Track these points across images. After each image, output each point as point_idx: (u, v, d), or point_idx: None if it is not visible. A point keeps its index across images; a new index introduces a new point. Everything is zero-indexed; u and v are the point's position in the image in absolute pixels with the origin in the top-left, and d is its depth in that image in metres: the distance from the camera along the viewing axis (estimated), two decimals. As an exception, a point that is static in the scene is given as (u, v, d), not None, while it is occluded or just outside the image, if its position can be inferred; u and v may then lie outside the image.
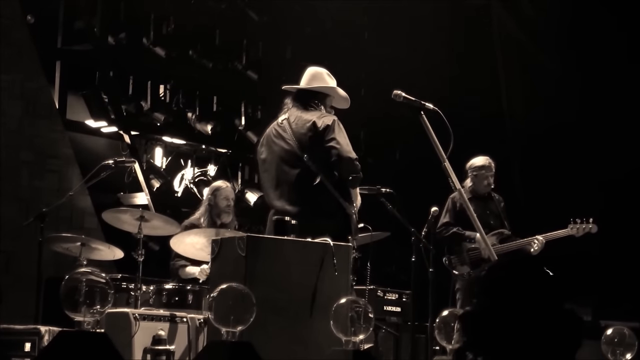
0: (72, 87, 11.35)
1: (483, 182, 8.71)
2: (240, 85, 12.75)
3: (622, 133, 11.78)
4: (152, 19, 11.81)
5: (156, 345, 6.64)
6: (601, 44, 12.02)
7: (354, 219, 6.63)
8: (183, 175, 12.43)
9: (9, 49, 10.33)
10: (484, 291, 2.94)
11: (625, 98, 11.85)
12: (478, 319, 2.92)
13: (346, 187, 6.59)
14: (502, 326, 2.86)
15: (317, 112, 6.75)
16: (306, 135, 6.63)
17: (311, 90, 6.88)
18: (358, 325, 5.19)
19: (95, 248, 7.90)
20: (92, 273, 4.63)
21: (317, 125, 6.61)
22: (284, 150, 6.71)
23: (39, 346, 6.80)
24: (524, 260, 3.08)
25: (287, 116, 6.81)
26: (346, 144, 6.56)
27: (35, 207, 9.29)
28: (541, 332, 2.85)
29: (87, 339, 4.48)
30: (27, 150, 10.41)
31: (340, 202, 6.54)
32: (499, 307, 2.89)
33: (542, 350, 2.86)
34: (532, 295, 2.88)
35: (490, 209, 8.69)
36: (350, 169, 6.55)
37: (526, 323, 2.85)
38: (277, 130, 6.80)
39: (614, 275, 11.06)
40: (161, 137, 12.21)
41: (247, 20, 12.76)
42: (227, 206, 8.41)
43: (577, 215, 8.64)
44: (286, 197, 6.63)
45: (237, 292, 4.84)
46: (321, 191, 6.53)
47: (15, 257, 9.79)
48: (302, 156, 6.60)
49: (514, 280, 2.92)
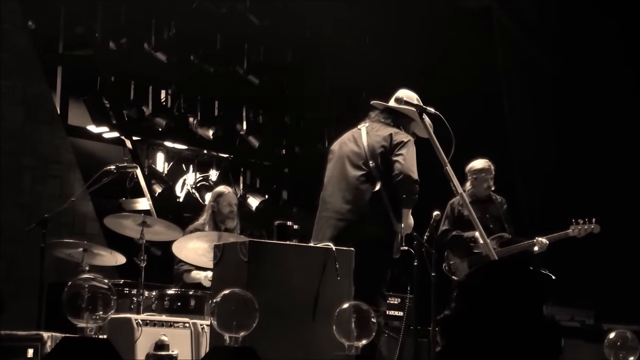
0: (74, 93, 11.34)
1: (483, 185, 8.71)
2: (242, 89, 12.75)
3: (623, 133, 11.78)
4: (153, 23, 11.81)
5: (159, 350, 6.64)
6: (600, 44, 12.02)
7: (399, 237, 6.73)
8: (185, 180, 12.42)
9: (10, 55, 10.33)
10: (462, 296, 2.94)
11: (626, 98, 11.84)
12: (455, 323, 2.92)
13: (400, 204, 6.68)
14: (479, 331, 2.86)
15: (396, 129, 6.90)
16: (379, 144, 6.80)
17: (399, 111, 6.98)
18: (360, 329, 5.19)
19: (97, 254, 7.90)
20: (95, 279, 4.63)
21: (393, 138, 6.76)
22: (353, 152, 6.90)
23: (42, 352, 6.78)
24: (503, 267, 3.07)
25: (367, 125, 7.00)
26: (412, 164, 6.67)
27: (37, 212, 9.28)
28: (519, 338, 2.84)
29: (90, 345, 4.48)
30: (29, 155, 10.40)
31: (390, 216, 6.65)
32: (475, 312, 2.88)
33: (520, 356, 2.85)
34: (510, 301, 2.88)
35: (490, 212, 8.68)
36: (408, 188, 6.65)
37: (503, 328, 2.84)
38: (352, 135, 7.01)
39: (616, 277, 11.04)
40: (163, 142, 12.21)
41: (248, 25, 12.75)
42: (230, 212, 8.43)
43: (579, 216, 8.62)
44: (342, 195, 6.80)
45: (239, 297, 4.83)
46: (376, 199, 6.67)
47: (17, 262, 9.78)
48: (368, 161, 6.77)
49: (491, 286, 2.91)
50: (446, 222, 8.67)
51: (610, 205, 11.00)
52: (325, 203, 6.89)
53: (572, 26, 12.27)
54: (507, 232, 8.62)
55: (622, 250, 11.08)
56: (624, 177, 11.58)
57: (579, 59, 12.30)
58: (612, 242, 10.30)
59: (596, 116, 11.98)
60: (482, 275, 2.99)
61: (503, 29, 13.42)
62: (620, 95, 11.87)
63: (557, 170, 12.25)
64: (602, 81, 11.96)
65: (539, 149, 12.65)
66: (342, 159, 6.93)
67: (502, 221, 8.67)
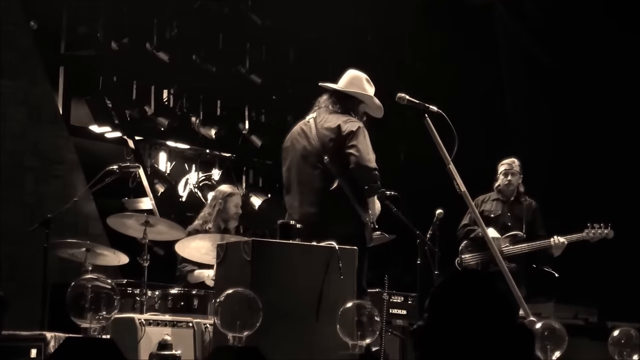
0: (76, 93, 11.35)
1: (504, 181, 8.79)
2: (244, 89, 12.75)
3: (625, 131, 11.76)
4: (155, 23, 11.82)
5: (162, 350, 6.63)
6: (602, 41, 12.01)
7: (370, 227, 6.65)
8: (187, 179, 12.43)
9: (13, 55, 10.34)
10: (430, 306, 2.93)
11: (628, 95, 11.82)
12: (426, 334, 2.91)
13: (363, 194, 6.60)
14: (448, 342, 2.85)
15: (344, 117, 6.73)
16: (328, 137, 6.63)
17: (346, 93, 6.85)
18: (365, 329, 5.19)
19: (100, 253, 7.90)
20: (98, 279, 4.64)
21: (342, 130, 6.60)
22: (306, 149, 6.72)
23: (45, 352, 6.79)
24: (471, 275, 3.06)
25: (315, 115, 6.81)
26: (366, 153, 6.54)
27: (40, 213, 9.28)
28: (489, 348, 2.83)
29: (93, 345, 4.48)
30: (32, 156, 10.41)
31: (356, 209, 6.55)
32: (444, 323, 2.88)
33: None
34: (478, 311, 2.87)
35: (513, 212, 8.75)
36: (367, 178, 6.55)
37: (472, 339, 2.83)
38: (302, 129, 6.81)
39: (620, 275, 11.03)
40: (165, 141, 12.22)
41: (250, 24, 12.76)
42: (235, 213, 8.46)
43: (584, 219, 8.64)
44: (304, 198, 6.67)
45: (243, 296, 4.84)
46: (338, 196, 6.54)
47: (20, 263, 9.79)
48: (322, 157, 6.61)
49: (458, 295, 2.90)
50: (467, 217, 8.78)
51: (613, 204, 10.99)
52: (291, 208, 6.75)
53: (574, 23, 12.25)
54: (522, 232, 8.65)
55: (626, 248, 11.04)
56: (627, 175, 11.56)
57: (581, 56, 12.28)
58: (616, 240, 10.27)
59: (599, 114, 11.96)
60: (448, 285, 2.97)
61: (505, 26, 13.40)
62: (622, 93, 11.84)
63: (559, 170, 12.23)
64: (606, 79, 11.94)
65: (540, 146, 12.63)
66: (297, 158, 6.76)
67: (524, 222, 8.71)
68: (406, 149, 13.87)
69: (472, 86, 12.77)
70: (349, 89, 6.86)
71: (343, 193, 6.53)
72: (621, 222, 10.11)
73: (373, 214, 6.70)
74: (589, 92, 12.08)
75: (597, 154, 11.85)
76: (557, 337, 5.24)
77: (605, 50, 11.98)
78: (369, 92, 6.92)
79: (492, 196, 8.85)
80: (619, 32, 11.90)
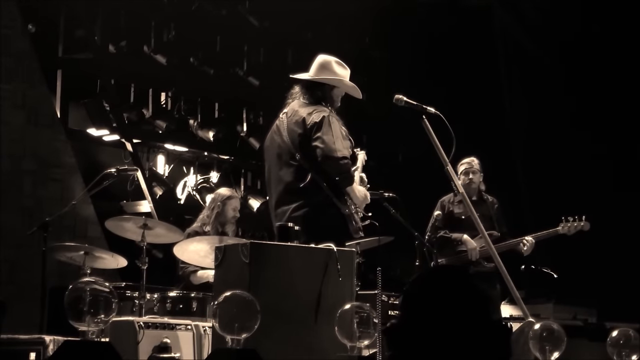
0: (74, 96, 11.35)
1: (465, 181, 8.69)
2: (242, 91, 12.75)
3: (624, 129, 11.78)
4: (152, 26, 11.81)
5: (161, 353, 6.63)
6: (601, 40, 12.02)
7: (354, 218, 6.55)
8: (186, 182, 12.43)
9: (10, 59, 10.34)
10: (403, 303, 2.93)
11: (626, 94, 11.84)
12: (398, 332, 2.91)
13: (339, 186, 6.49)
14: (421, 340, 2.85)
15: (311, 107, 6.59)
16: (296, 132, 6.51)
17: (317, 81, 6.75)
18: (362, 330, 5.19)
19: (98, 257, 7.90)
20: (96, 282, 4.63)
21: (306, 123, 6.47)
22: (280, 147, 6.62)
23: (44, 356, 6.78)
24: (445, 271, 3.05)
25: (287, 110, 6.70)
26: (331, 143, 6.38)
27: (38, 216, 9.27)
28: (462, 345, 2.83)
29: (91, 348, 4.48)
30: (30, 159, 10.40)
31: (334, 202, 6.44)
32: (416, 321, 2.87)
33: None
34: (452, 307, 2.86)
35: (480, 212, 8.64)
36: (335, 169, 6.41)
37: (445, 336, 2.83)
38: (277, 126, 6.71)
39: (619, 275, 11.03)
40: (163, 144, 12.21)
41: (248, 26, 12.76)
42: (233, 217, 8.52)
43: (580, 213, 8.60)
44: (281, 197, 6.58)
45: (241, 299, 4.83)
46: (315, 191, 6.44)
47: (18, 266, 9.79)
48: (294, 154, 6.51)
49: (431, 292, 2.90)
50: (437, 220, 8.66)
51: (612, 203, 11.00)
52: (273, 210, 6.69)
53: (573, 23, 12.26)
54: (497, 231, 8.59)
55: (625, 249, 11.07)
56: (626, 174, 11.56)
57: (580, 56, 12.29)
58: (614, 240, 10.30)
59: (598, 113, 11.97)
60: (421, 282, 2.96)
61: (504, 27, 13.41)
62: (621, 92, 11.86)
63: (558, 168, 12.23)
64: (604, 77, 11.95)
65: (539, 145, 12.64)
66: (274, 157, 6.66)
67: (493, 221, 8.64)
68: (404, 150, 13.87)
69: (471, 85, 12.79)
70: (319, 76, 6.73)
71: (319, 188, 6.43)
72: (620, 223, 10.15)
73: (357, 204, 6.58)
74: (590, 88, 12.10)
75: (598, 150, 11.86)
76: (556, 337, 5.23)
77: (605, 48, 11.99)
78: (340, 74, 6.76)
79: (455, 199, 8.68)
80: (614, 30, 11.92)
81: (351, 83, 6.79)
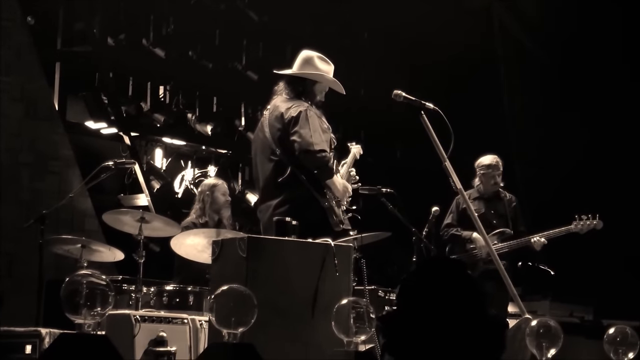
0: (72, 89, 11.34)
1: (490, 181, 8.69)
2: (240, 85, 12.74)
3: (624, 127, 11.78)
4: (151, 19, 11.80)
5: (157, 346, 6.63)
6: (601, 42, 12.01)
7: (334, 211, 6.58)
8: (183, 176, 12.42)
9: (9, 51, 10.32)
10: (400, 293, 2.94)
11: (626, 92, 11.83)
12: (393, 321, 2.92)
13: (318, 180, 6.52)
14: (414, 330, 2.85)
15: (291, 102, 6.67)
16: (276, 127, 6.60)
17: (298, 76, 6.80)
18: (359, 325, 5.18)
19: (95, 250, 7.89)
20: (93, 275, 4.61)
21: (284, 118, 6.55)
22: (262, 143, 6.71)
23: (40, 349, 6.78)
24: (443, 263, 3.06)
25: (269, 106, 6.79)
26: (308, 136, 6.45)
27: (35, 209, 9.26)
28: (455, 335, 2.84)
29: (87, 341, 4.46)
30: (28, 152, 10.39)
31: (314, 196, 6.48)
32: (410, 311, 2.88)
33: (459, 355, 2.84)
34: (445, 299, 2.87)
35: (496, 209, 8.66)
36: (313, 162, 6.47)
37: (438, 326, 2.84)
38: (260, 122, 6.82)
39: (616, 273, 11.04)
40: (161, 138, 12.21)
41: (247, 21, 12.75)
42: (225, 201, 8.68)
43: (579, 211, 8.58)
44: (264, 192, 6.68)
45: (238, 293, 4.82)
46: (295, 185, 6.50)
47: (16, 259, 9.78)
48: (275, 150, 6.58)
49: (425, 283, 2.91)
50: (450, 217, 8.68)
51: (609, 200, 11.00)
52: (258, 206, 6.80)
53: (572, 21, 12.25)
54: (510, 228, 8.58)
55: (622, 246, 11.07)
56: (625, 172, 11.56)
57: (579, 54, 12.28)
58: (611, 238, 10.28)
59: (597, 112, 11.96)
60: (419, 273, 2.97)
61: (503, 26, 13.40)
62: (620, 90, 11.85)
63: (558, 166, 12.24)
64: (603, 76, 11.95)
65: (539, 144, 12.64)
66: (258, 154, 6.76)
67: (508, 219, 8.63)
68: (402, 146, 13.87)
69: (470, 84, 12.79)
70: (301, 71, 6.80)
71: (299, 182, 6.48)
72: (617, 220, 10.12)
73: (338, 196, 6.62)
74: (588, 87, 12.09)
75: (597, 148, 11.87)
76: (553, 335, 5.23)
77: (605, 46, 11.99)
78: (322, 70, 6.83)
79: (471, 195, 8.66)
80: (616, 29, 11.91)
81: (333, 78, 6.86)
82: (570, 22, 12.31)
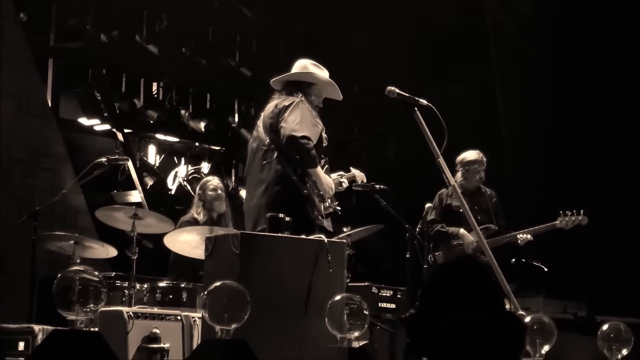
0: (65, 85, 11.31)
1: (475, 177, 8.64)
2: (234, 82, 12.72)
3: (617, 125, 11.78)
4: (144, 16, 11.77)
5: (150, 343, 6.62)
6: (596, 38, 12.02)
7: (315, 202, 6.60)
8: (176, 172, 12.41)
9: (2, 47, 10.28)
10: (422, 294, 2.95)
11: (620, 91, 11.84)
12: (417, 322, 2.93)
13: (301, 167, 6.57)
14: (437, 331, 2.87)
15: (284, 97, 6.76)
16: (268, 117, 6.69)
17: (291, 80, 6.89)
18: (353, 322, 5.18)
19: (88, 246, 7.88)
20: (85, 271, 4.60)
21: (277, 107, 6.64)
22: (255, 141, 6.81)
23: (33, 345, 6.77)
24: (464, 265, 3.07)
25: (265, 108, 6.86)
26: (294, 123, 6.50)
27: (28, 205, 9.24)
28: (478, 338, 2.85)
29: (80, 337, 4.45)
30: (20, 148, 10.36)
31: (294, 182, 6.52)
32: (432, 312, 2.90)
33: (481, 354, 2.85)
34: (465, 300, 2.88)
35: (479, 205, 8.61)
36: (294, 148, 6.50)
37: (461, 327, 2.85)
38: (256, 124, 6.89)
39: (609, 269, 11.04)
40: (154, 134, 12.20)
41: (241, 17, 12.73)
42: (217, 195, 8.65)
43: (572, 208, 8.57)
44: (254, 184, 6.71)
45: (231, 289, 4.82)
46: (282, 177, 6.55)
47: (8, 256, 9.75)
48: (264, 139, 6.66)
49: (447, 286, 2.92)
50: (433, 213, 8.61)
51: (603, 197, 11.01)
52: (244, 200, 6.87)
53: (566, 20, 12.25)
54: (494, 224, 8.56)
55: (615, 242, 11.08)
56: (618, 169, 11.57)
57: (575, 54, 12.29)
58: (604, 234, 10.30)
59: (592, 110, 11.97)
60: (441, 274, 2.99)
61: (497, 24, 13.40)
62: (615, 89, 11.85)
63: (550, 163, 12.24)
64: (598, 75, 11.95)
65: (532, 142, 12.64)
66: (252, 150, 6.85)
67: (491, 214, 8.61)
68: (396, 142, 13.86)
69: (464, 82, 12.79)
70: (294, 77, 6.89)
71: (282, 167, 6.54)
72: (611, 218, 10.15)
73: (321, 189, 6.65)
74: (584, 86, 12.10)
75: (590, 145, 11.87)
76: (546, 331, 5.23)
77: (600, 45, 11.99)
78: (316, 75, 6.91)
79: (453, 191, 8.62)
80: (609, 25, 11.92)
81: (328, 79, 6.93)
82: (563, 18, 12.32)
